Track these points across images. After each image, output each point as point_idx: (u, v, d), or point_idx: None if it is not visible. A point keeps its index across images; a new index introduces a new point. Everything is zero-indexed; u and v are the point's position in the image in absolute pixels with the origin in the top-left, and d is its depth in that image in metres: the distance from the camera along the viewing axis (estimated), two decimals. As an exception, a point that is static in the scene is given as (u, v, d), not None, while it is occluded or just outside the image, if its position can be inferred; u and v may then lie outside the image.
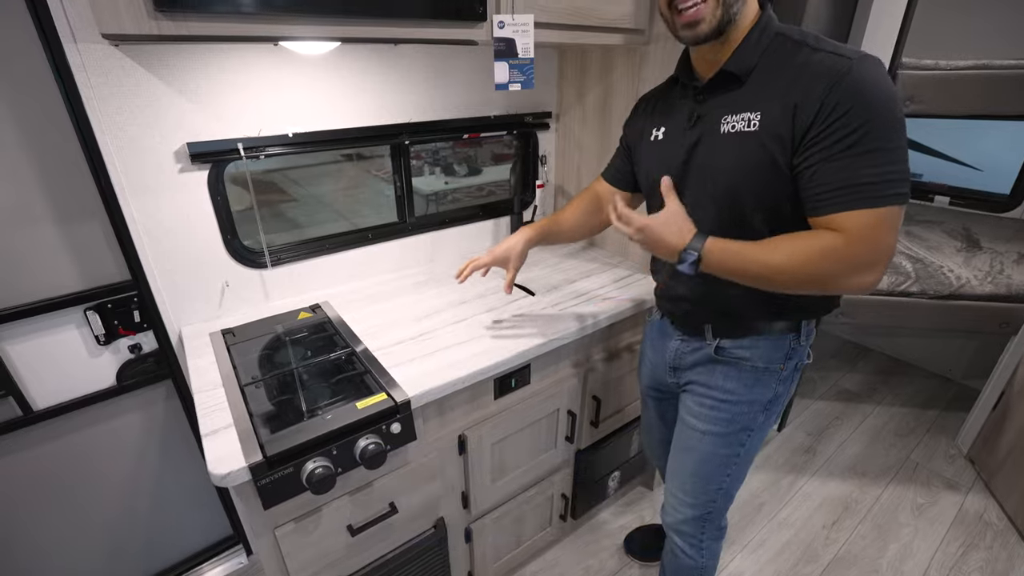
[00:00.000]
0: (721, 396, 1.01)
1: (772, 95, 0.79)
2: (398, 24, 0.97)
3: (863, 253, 0.75)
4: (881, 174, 0.72)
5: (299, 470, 0.89)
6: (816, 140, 0.75)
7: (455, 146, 1.77)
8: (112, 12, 0.73)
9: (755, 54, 0.82)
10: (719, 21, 0.80)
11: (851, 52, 0.75)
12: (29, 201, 1.05)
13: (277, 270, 1.36)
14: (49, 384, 1.16)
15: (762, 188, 0.83)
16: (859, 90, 0.72)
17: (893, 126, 0.72)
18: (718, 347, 1.00)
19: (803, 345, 0.99)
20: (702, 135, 0.88)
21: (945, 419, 2.28)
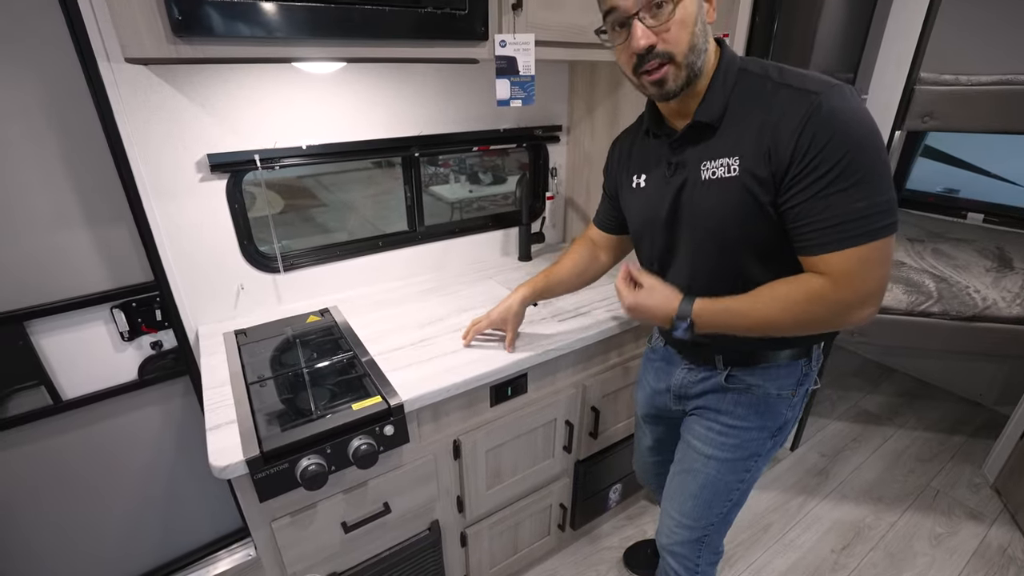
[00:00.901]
0: (731, 422, 1.00)
1: (747, 138, 0.79)
2: (402, 45, 1.02)
3: (849, 295, 0.75)
4: (866, 208, 0.71)
5: (294, 466, 0.94)
6: (797, 180, 0.74)
7: (482, 155, 1.80)
8: (135, 38, 0.80)
9: (723, 98, 0.82)
10: (683, 81, 0.80)
11: (817, 84, 0.74)
12: (66, 206, 1.15)
13: (290, 275, 1.42)
14: (77, 376, 1.24)
15: (751, 230, 0.82)
16: (832, 124, 0.71)
17: (873, 155, 0.71)
18: (729, 375, 0.98)
19: (813, 370, 0.99)
20: (684, 182, 0.88)
21: (972, 446, 2.19)
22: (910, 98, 1.51)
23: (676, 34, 0.76)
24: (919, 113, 1.51)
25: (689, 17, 0.76)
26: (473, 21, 1.07)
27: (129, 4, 0.79)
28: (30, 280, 1.14)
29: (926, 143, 2.80)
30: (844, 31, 1.44)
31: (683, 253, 0.92)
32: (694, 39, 0.78)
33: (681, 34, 0.77)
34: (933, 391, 2.55)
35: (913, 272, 1.97)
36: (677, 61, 0.78)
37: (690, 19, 0.77)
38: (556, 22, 1.18)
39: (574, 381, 1.37)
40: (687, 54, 0.78)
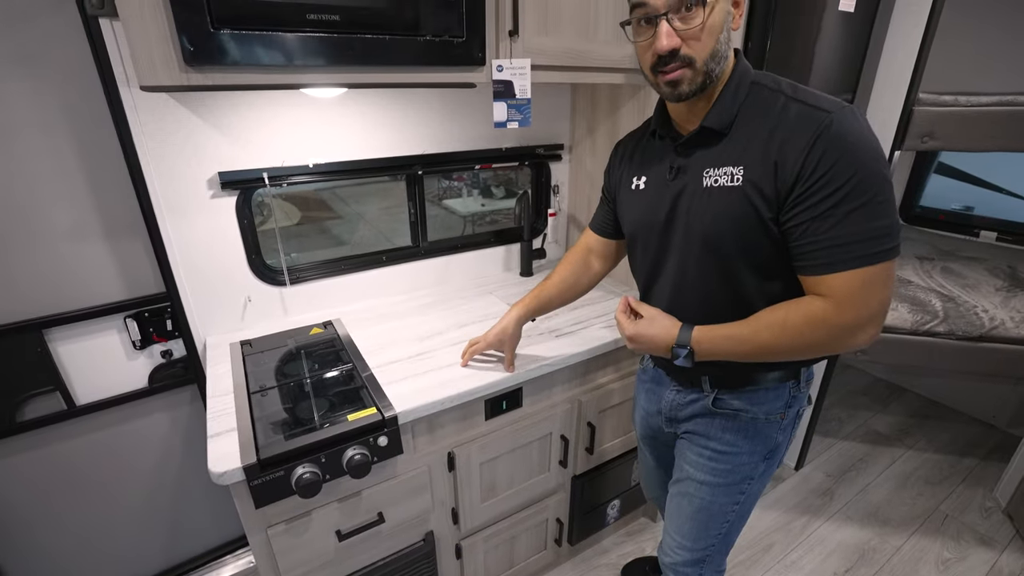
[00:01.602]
0: (721, 448, 1.00)
1: (753, 149, 0.78)
2: (402, 71, 1.07)
3: (851, 318, 0.75)
4: (871, 230, 0.71)
5: (289, 474, 0.97)
6: (802, 198, 0.74)
7: (495, 170, 1.84)
8: (150, 69, 0.86)
9: (733, 107, 0.82)
10: (698, 86, 0.80)
11: (829, 104, 0.74)
12: (86, 220, 1.21)
13: (295, 288, 1.47)
14: (90, 382, 1.30)
15: (748, 242, 0.81)
16: (842, 144, 0.71)
17: (879, 179, 0.71)
18: (716, 398, 0.98)
19: (803, 392, 0.98)
20: (684, 188, 0.87)
21: (984, 469, 2.14)
22: (909, 118, 1.51)
23: (702, 38, 0.76)
24: (918, 133, 1.51)
25: (717, 25, 0.76)
26: (471, 47, 1.11)
27: (145, 38, 0.84)
28: (50, 289, 1.20)
29: (940, 160, 2.78)
30: (842, 51, 1.46)
31: (674, 260, 0.92)
32: (718, 46, 0.78)
33: (707, 40, 0.76)
34: (944, 412, 2.50)
35: (920, 291, 1.96)
36: (696, 66, 0.78)
37: (717, 27, 0.76)
38: (552, 47, 1.22)
39: (569, 396, 1.38)
40: (708, 60, 0.78)
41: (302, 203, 1.50)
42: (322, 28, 0.95)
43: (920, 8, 1.42)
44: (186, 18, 0.84)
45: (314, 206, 1.55)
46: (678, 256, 0.91)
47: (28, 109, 1.09)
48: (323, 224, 1.59)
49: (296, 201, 1.48)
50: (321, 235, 1.57)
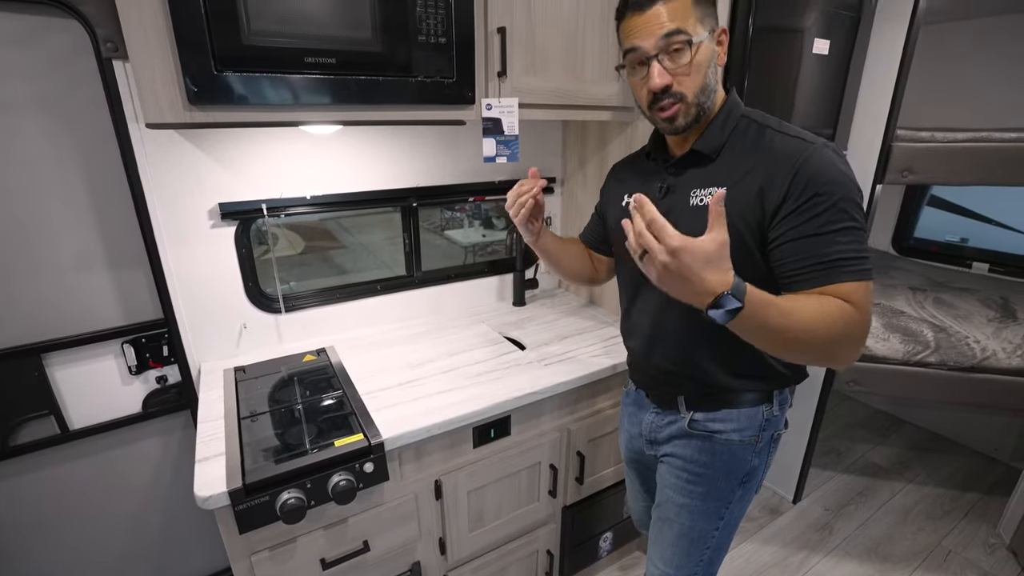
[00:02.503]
0: (696, 470, 1.01)
1: (739, 174, 0.84)
2: (395, 109, 1.13)
3: (865, 324, 0.77)
4: (857, 250, 0.76)
5: (274, 499, 0.98)
6: (789, 217, 0.78)
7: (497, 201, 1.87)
8: (156, 108, 0.92)
9: (722, 135, 0.88)
10: (692, 119, 0.87)
11: (812, 137, 0.81)
12: (90, 248, 1.25)
13: (291, 315, 1.50)
14: (85, 407, 1.32)
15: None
16: (824, 172, 0.76)
17: (857, 208, 0.77)
18: (692, 420, 1.00)
19: (777, 415, 0.99)
20: (671, 207, 0.91)
21: (987, 504, 2.10)
22: (888, 154, 1.56)
23: (691, 75, 0.84)
24: (898, 168, 1.56)
25: (703, 62, 0.84)
26: (461, 87, 1.17)
27: (152, 78, 0.90)
28: (51, 314, 1.24)
29: (932, 193, 2.83)
30: (821, 91, 1.52)
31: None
32: (706, 81, 0.85)
33: (695, 77, 0.84)
34: (945, 444, 2.47)
35: (912, 321, 1.97)
36: (688, 101, 0.85)
37: (704, 63, 0.84)
38: (540, 87, 1.28)
39: (558, 425, 1.39)
40: (698, 95, 0.85)
41: (306, 233, 1.55)
42: (319, 70, 1.01)
43: (892, 51, 1.49)
44: (191, 61, 0.91)
45: (318, 236, 1.59)
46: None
47: (44, 146, 1.15)
48: (327, 253, 1.63)
49: (300, 231, 1.53)
50: (324, 264, 1.62)
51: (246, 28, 0.93)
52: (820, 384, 1.90)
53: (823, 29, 1.39)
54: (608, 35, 1.36)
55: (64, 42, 1.13)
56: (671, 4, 0.81)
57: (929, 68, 2.39)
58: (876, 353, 1.84)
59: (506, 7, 1.19)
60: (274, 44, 0.96)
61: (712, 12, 0.85)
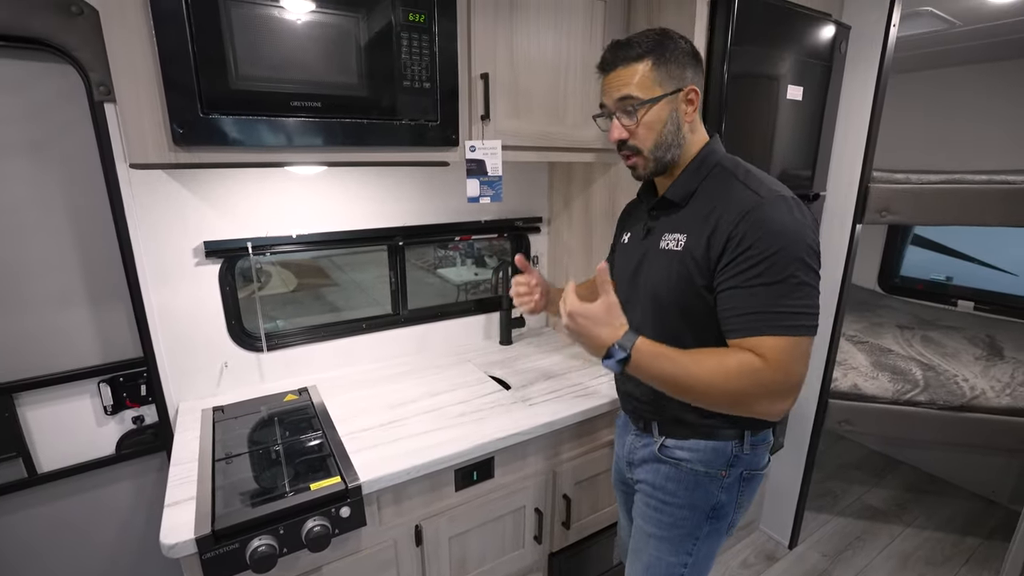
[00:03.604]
0: (663, 497, 1.03)
1: (697, 220, 0.89)
2: (380, 151, 1.15)
3: (779, 379, 0.79)
4: (789, 305, 0.79)
5: (244, 546, 0.94)
6: (727, 267, 0.83)
7: (489, 240, 1.90)
8: (141, 148, 0.93)
9: (692, 183, 0.93)
10: (652, 169, 0.95)
11: (766, 191, 0.84)
12: (71, 287, 1.25)
13: (273, 354, 1.48)
14: (55, 449, 1.28)
15: (684, 302, 0.91)
16: (763, 227, 0.80)
17: (796, 263, 0.79)
18: (663, 446, 1.02)
19: (748, 454, 0.98)
20: (648, 248, 0.98)
21: (988, 548, 2.04)
22: (866, 195, 1.60)
23: (642, 134, 0.92)
24: (876, 208, 1.59)
25: (656, 122, 0.90)
26: (445, 130, 1.20)
27: (139, 119, 0.92)
28: (26, 353, 1.22)
29: (915, 232, 2.89)
30: (797, 135, 1.57)
31: (636, 311, 0.99)
32: (661, 138, 0.91)
33: (647, 134, 0.91)
34: (942, 486, 2.42)
35: (900, 360, 1.97)
36: (644, 155, 0.93)
37: (657, 123, 0.90)
38: (524, 130, 1.32)
39: (544, 467, 1.36)
40: (653, 150, 0.92)
41: (299, 270, 1.55)
42: (305, 113, 1.04)
43: (863, 97, 1.55)
44: (178, 103, 0.93)
45: (311, 273, 1.60)
46: (639, 307, 0.99)
47: (30, 188, 1.17)
48: (319, 291, 1.63)
49: (293, 268, 1.53)
50: (317, 301, 1.61)
51: (234, 73, 0.96)
52: (811, 424, 1.87)
53: (796, 76, 1.45)
54: (589, 80, 1.41)
55: (59, 87, 1.16)
56: (629, 68, 0.90)
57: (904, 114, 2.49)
58: (865, 392, 1.83)
59: (489, 54, 1.24)
60: (261, 88, 0.99)
61: (679, 73, 0.90)
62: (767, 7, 1.35)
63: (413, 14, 1.10)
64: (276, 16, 0.97)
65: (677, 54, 0.90)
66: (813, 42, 1.47)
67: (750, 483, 1.01)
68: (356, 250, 1.62)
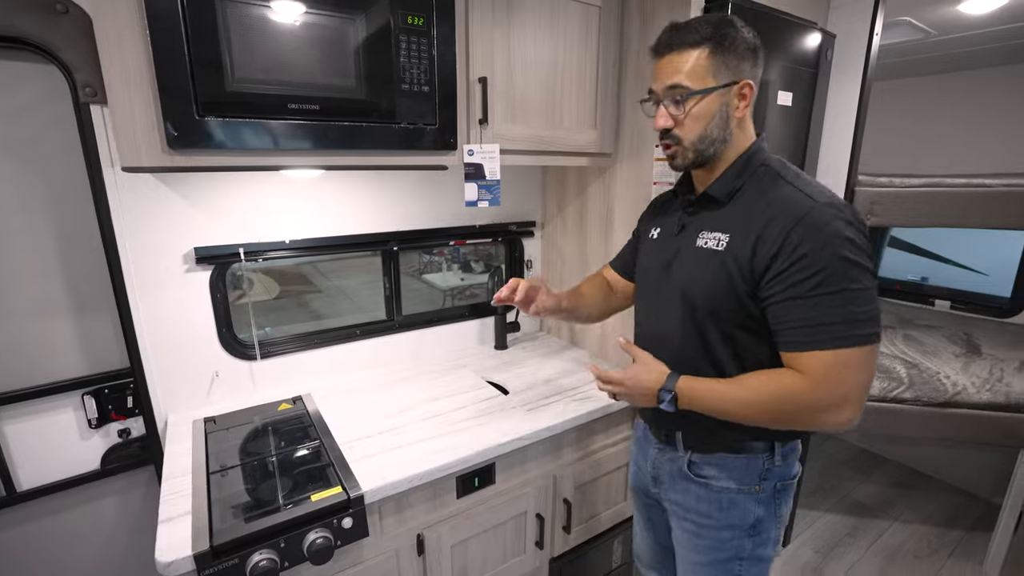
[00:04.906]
0: (698, 520, 0.99)
1: (742, 221, 0.85)
2: (378, 154, 1.14)
3: (825, 396, 0.77)
4: (846, 315, 0.75)
5: (244, 562, 0.91)
6: (779, 277, 0.79)
7: (476, 245, 1.88)
8: (133, 151, 0.90)
9: (736, 182, 0.89)
10: (691, 161, 0.91)
11: (820, 195, 0.80)
12: (53, 295, 1.20)
13: (266, 362, 1.45)
14: (36, 466, 1.22)
15: (718, 305, 0.87)
16: (817, 233, 0.76)
17: (854, 268, 0.75)
18: (690, 462, 0.99)
19: (779, 465, 0.95)
20: (682, 245, 0.95)
21: (972, 540, 2.09)
22: (852, 198, 1.64)
23: (688, 125, 0.88)
24: (861, 211, 1.63)
25: (704, 114, 0.87)
26: (443, 133, 1.19)
27: (131, 122, 0.90)
28: (4, 364, 1.17)
29: (892, 235, 2.97)
30: (787, 140, 1.60)
31: (661, 310, 0.97)
32: (706, 131, 0.87)
33: (692, 126, 0.88)
34: (927, 481, 2.48)
35: (885, 358, 2.01)
36: (685, 146, 0.89)
37: (705, 115, 0.87)
38: (520, 134, 1.32)
39: (544, 471, 1.35)
40: (696, 143, 0.88)
41: (281, 277, 1.51)
42: (302, 116, 1.02)
43: (848, 103, 1.59)
44: (172, 105, 0.90)
45: (294, 280, 1.56)
46: (665, 307, 0.97)
47: (10, 191, 1.12)
48: (303, 298, 1.60)
49: (275, 275, 1.50)
50: (300, 309, 1.58)
51: (230, 75, 0.94)
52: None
53: (786, 82, 1.48)
54: (584, 85, 1.42)
55: (41, 88, 1.12)
56: (683, 54, 0.86)
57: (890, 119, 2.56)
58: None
59: (487, 58, 1.23)
60: (258, 91, 0.97)
61: (736, 65, 0.86)
62: (757, 15, 1.37)
63: (412, 17, 1.09)
64: (273, 18, 0.95)
65: (737, 44, 0.85)
66: (801, 49, 1.50)
67: (784, 494, 0.97)
68: (346, 256, 1.60)
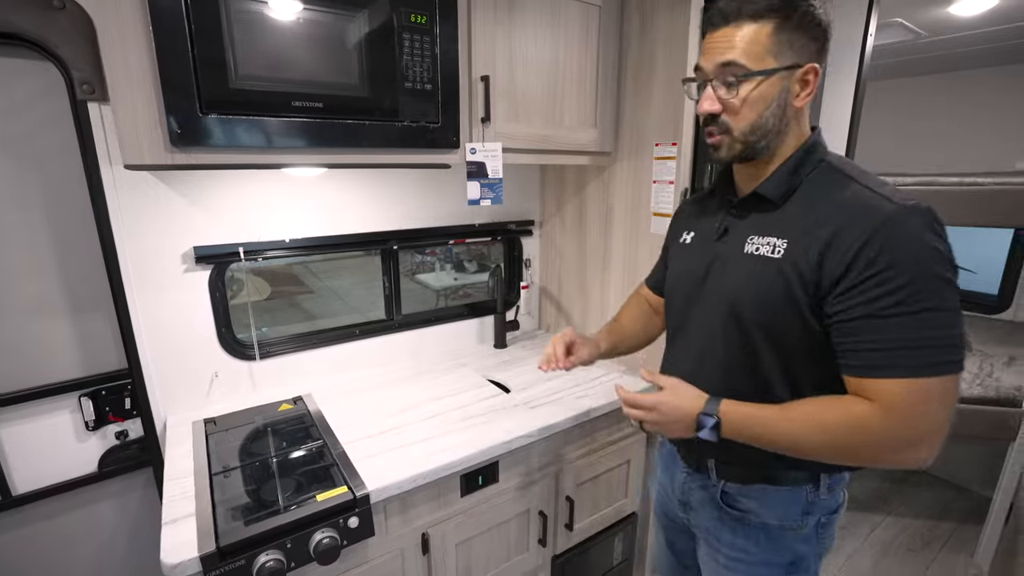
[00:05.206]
0: (732, 554, 0.91)
1: (804, 226, 0.74)
2: (381, 153, 1.14)
3: (900, 431, 0.66)
4: (930, 339, 0.64)
5: (251, 563, 0.90)
6: (851, 293, 0.68)
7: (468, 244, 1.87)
8: (136, 149, 0.89)
9: (792, 180, 0.78)
10: (737, 153, 0.79)
11: (895, 195, 0.69)
12: (50, 296, 1.18)
13: (265, 362, 1.44)
14: (32, 469, 1.20)
15: (772, 319, 0.77)
16: (901, 242, 0.65)
17: (940, 286, 0.65)
18: (724, 492, 0.89)
19: (824, 498, 0.84)
20: (725, 251, 0.84)
21: (963, 532, 2.13)
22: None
23: (740, 111, 0.76)
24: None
25: (760, 99, 0.75)
26: (446, 132, 1.19)
27: (134, 119, 0.89)
28: (1, 367, 1.14)
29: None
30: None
31: (702, 321, 0.88)
32: (760, 120, 0.76)
33: (746, 112, 0.76)
34: (919, 475, 2.52)
35: (877, 355, 2.05)
36: (734, 135, 0.78)
37: (761, 101, 0.75)
38: (521, 133, 1.32)
39: (547, 470, 1.35)
40: (747, 132, 0.77)
41: (273, 278, 1.50)
42: (306, 114, 1.01)
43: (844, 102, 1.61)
44: (176, 102, 0.90)
45: (285, 280, 1.55)
46: (705, 319, 0.87)
47: (7, 186, 1.10)
48: (294, 299, 1.59)
49: (267, 276, 1.48)
50: (291, 309, 1.57)
51: (234, 73, 0.93)
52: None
53: (781, 82, 1.50)
54: (584, 84, 1.43)
55: (36, 85, 1.10)
56: (743, 28, 0.73)
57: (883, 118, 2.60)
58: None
59: (489, 57, 1.23)
60: (261, 88, 0.96)
61: (802, 45, 0.74)
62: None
63: (415, 15, 1.09)
64: (276, 15, 0.95)
65: (807, 21, 0.73)
66: (797, 49, 1.52)
67: (828, 528, 0.88)
68: (341, 256, 1.59)
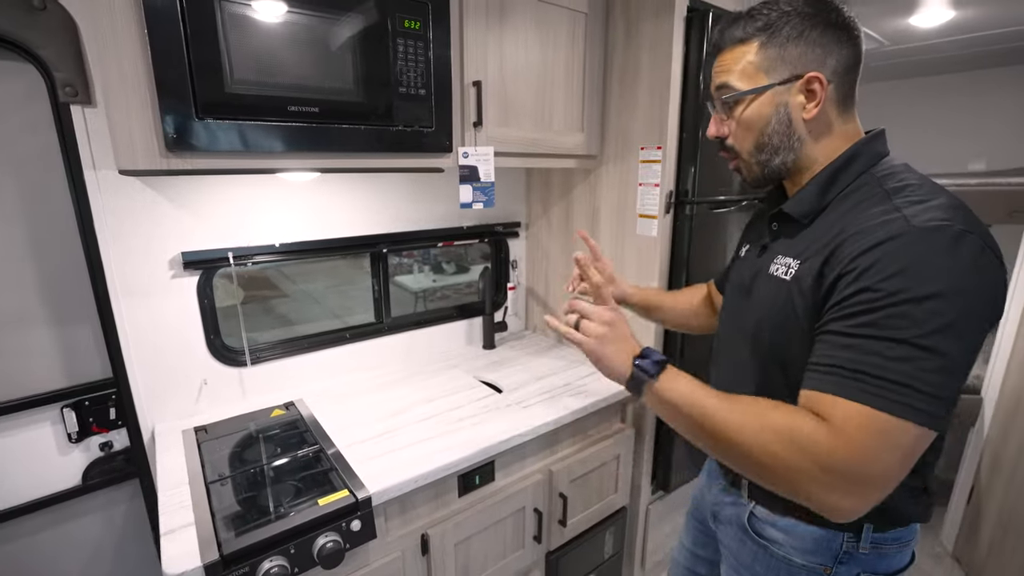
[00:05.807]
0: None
1: (817, 243, 0.68)
2: (375, 157, 1.14)
3: (843, 462, 0.56)
4: (900, 373, 0.55)
5: (255, 570, 0.90)
6: (833, 308, 0.62)
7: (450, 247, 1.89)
8: (129, 153, 0.88)
9: (821, 198, 0.71)
10: (758, 175, 0.77)
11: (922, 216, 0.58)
12: (29, 305, 1.15)
13: (255, 368, 1.42)
14: (13, 484, 1.16)
15: (781, 342, 0.73)
16: (898, 262, 0.57)
17: (938, 324, 0.54)
18: (752, 515, 0.84)
19: (866, 553, 0.74)
20: (760, 269, 0.80)
21: (928, 516, 2.25)
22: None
23: (738, 132, 0.75)
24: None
25: (756, 118, 0.73)
26: (439, 136, 1.21)
27: (128, 124, 0.87)
28: (-22, 381, 1.11)
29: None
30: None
31: (737, 337, 0.84)
32: (763, 139, 0.73)
33: (744, 133, 0.75)
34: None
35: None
36: (743, 158, 0.76)
37: (758, 120, 0.73)
38: (512, 136, 1.35)
39: (541, 467, 1.38)
40: (752, 153, 0.75)
41: (246, 282, 1.47)
42: (301, 118, 1.01)
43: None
44: (171, 107, 0.88)
45: (259, 285, 1.53)
46: (740, 334, 0.83)
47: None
48: (268, 303, 1.57)
49: (241, 280, 1.45)
50: (266, 315, 1.54)
51: (229, 77, 0.93)
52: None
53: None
54: (572, 89, 1.46)
55: (16, 87, 1.07)
56: (734, 50, 0.73)
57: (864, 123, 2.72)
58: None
59: (480, 62, 1.25)
60: (257, 93, 0.96)
61: (796, 55, 0.69)
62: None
63: (409, 21, 1.10)
64: (272, 20, 0.95)
65: (799, 31, 0.69)
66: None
67: None
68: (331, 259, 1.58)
